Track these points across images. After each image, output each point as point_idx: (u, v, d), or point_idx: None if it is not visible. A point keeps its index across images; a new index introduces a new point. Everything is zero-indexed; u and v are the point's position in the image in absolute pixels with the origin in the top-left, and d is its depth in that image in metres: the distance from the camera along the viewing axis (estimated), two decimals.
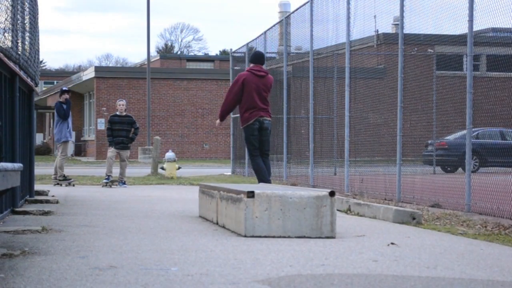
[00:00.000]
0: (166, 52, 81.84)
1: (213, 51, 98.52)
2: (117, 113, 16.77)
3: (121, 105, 16.75)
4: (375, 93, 14.96)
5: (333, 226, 6.97)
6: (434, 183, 12.37)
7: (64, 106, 17.01)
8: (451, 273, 4.98)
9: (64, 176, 16.82)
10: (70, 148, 17.60)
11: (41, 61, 66.27)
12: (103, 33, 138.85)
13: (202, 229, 7.65)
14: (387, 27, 15.36)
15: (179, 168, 20.61)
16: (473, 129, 10.27)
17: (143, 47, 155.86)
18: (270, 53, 22.22)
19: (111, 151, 16.77)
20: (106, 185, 16.47)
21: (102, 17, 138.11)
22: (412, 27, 12.28)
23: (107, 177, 16.58)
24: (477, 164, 14.86)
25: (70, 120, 17.19)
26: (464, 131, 10.43)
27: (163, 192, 14.77)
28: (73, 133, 17.59)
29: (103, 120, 42.56)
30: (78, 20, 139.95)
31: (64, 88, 17.66)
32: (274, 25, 21.15)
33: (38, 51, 11.92)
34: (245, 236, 6.86)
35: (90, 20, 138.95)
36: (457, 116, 11.64)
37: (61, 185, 16.45)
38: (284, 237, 6.88)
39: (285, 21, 19.50)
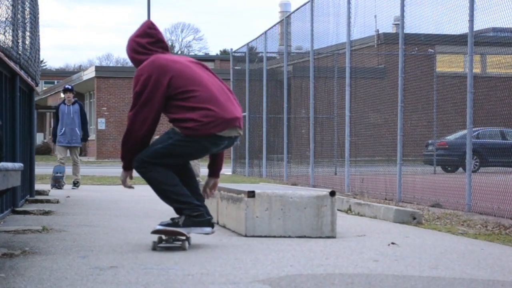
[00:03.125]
0: None
1: (214, 50, 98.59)
2: None
3: None
4: (375, 93, 14.96)
5: (334, 226, 6.97)
6: (435, 183, 12.37)
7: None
8: (452, 273, 4.98)
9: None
10: (61, 151, 15.90)
11: (42, 61, 66.23)
12: (104, 27, 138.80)
13: None
14: (387, 27, 15.36)
15: None
16: (473, 129, 10.27)
17: None
18: (270, 52, 22.23)
19: None
20: None
21: (104, 9, 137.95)
22: (412, 26, 12.29)
23: None
24: (477, 164, 14.86)
25: (63, 122, 15.33)
26: (465, 131, 10.43)
27: None
28: (64, 136, 15.26)
29: (103, 120, 42.56)
30: (80, 14, 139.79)
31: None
32: (274, 25, 21.16)
33: (39, 50, 11.93)
34: (245, 235, 6.86)
35: (91, 13, 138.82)
36: (457, 115, 11.64)
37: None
38: (285, 237, 6.88)
39: (285, 21, 19.50)
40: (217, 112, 5.80)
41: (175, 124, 5.90)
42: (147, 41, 6.02)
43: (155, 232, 5.90)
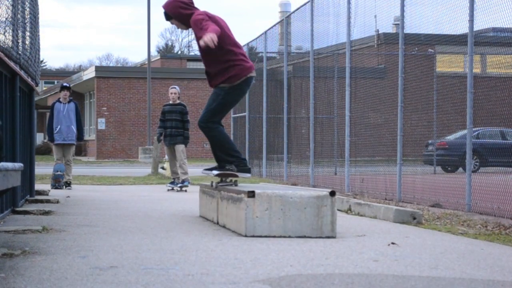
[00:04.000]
0: (166, 51, 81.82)
1: None
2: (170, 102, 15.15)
3: (172, 94, 15.04)
4: (375, 93, 14.95)
5: (334, 226, 6.97)
6: (435, 183, 12.37)
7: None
8: (452, 273, 4.98)
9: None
10: (57, 151, 15.31)
11: (42, 61, 66.23)
12: (104, 27, 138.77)
13: (203, 229, 7.65)
14: (387, 27, 15.36)
15: None
16: (473, 129, 10.27)
17: (144, 43, 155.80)
18: (270, 52, 22.23)
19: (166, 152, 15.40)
20: (173, 190, 14.98)
21: (103, 9, 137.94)
22: (412, 26, 12.29)
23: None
24: (477, 164, 14.86)
25: (58, 120, 15.21)
26: (465, 131, 10.43)
27: (164, 192, 14.77)
28: (60, 134, 15.19)
29: (103, 120, 42.55)
30: (80, 14, 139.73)
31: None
32: (274, 25, 21.15)
33: (39, 50, 11.93)
34: (245, 236, 6.86)
35: (91, 13, 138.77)
36: (457, 115, 11.65)
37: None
38: (285, 237, 6.88)
39: (285, 21, 19.50)
40: (245, 61, 7.86)
41: (219, 78, 7.78)
42: (188, 1, 8.01)
43: (217, 175, 8.05)
